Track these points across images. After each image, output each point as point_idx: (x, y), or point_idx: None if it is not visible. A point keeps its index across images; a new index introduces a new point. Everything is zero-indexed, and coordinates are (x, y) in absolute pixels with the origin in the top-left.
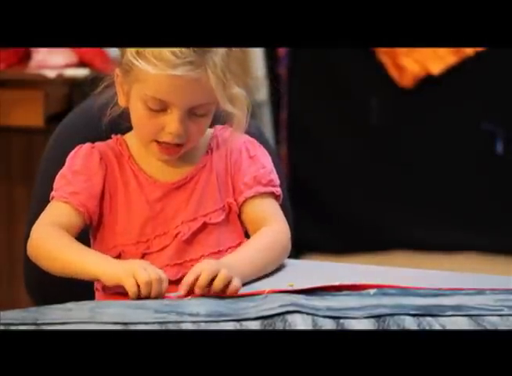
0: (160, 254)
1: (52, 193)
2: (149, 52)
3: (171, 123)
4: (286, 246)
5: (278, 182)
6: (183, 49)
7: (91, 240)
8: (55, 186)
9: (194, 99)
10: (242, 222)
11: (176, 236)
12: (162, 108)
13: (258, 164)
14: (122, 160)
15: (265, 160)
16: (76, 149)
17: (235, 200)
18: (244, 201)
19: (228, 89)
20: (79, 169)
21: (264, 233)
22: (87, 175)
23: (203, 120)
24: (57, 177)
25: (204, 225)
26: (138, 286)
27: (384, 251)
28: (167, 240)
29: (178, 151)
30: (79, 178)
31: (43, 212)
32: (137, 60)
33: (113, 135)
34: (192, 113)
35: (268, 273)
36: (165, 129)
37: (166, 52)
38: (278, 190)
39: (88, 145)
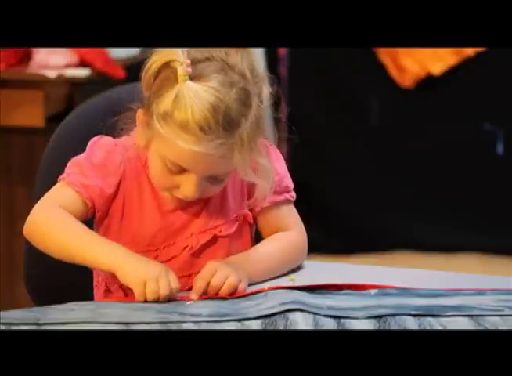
0: (169, 265)
1: (63, 176)
2: (175, 120)
3: (187, 185)
4: (302, 249)
5: (292, 185)
6: (211, 124)
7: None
8: (67, 169)
9: (215, 170)
10: (258, 230)
11: (185, 248)
12: (180, 170)
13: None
14: (139, 164)
15: (279, 165)
16: (97, 138)
17: (250, 209)
18: (260, 211)
19: (254, 159)
20: (98, 164)
21: (279, 237)
22: (103, 173)
23: (221, 182)
24: (72, 162)
25: (214, 238)
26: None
27: (384, 251)
28: (175, 251)
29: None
30: (95, 173)
31: (48, 193)
32: (161, 126)
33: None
34: (210, 177)
35: None
36: (180, 188)
37: (193, 125)
38: (293, 195)
39: (111, 140)
